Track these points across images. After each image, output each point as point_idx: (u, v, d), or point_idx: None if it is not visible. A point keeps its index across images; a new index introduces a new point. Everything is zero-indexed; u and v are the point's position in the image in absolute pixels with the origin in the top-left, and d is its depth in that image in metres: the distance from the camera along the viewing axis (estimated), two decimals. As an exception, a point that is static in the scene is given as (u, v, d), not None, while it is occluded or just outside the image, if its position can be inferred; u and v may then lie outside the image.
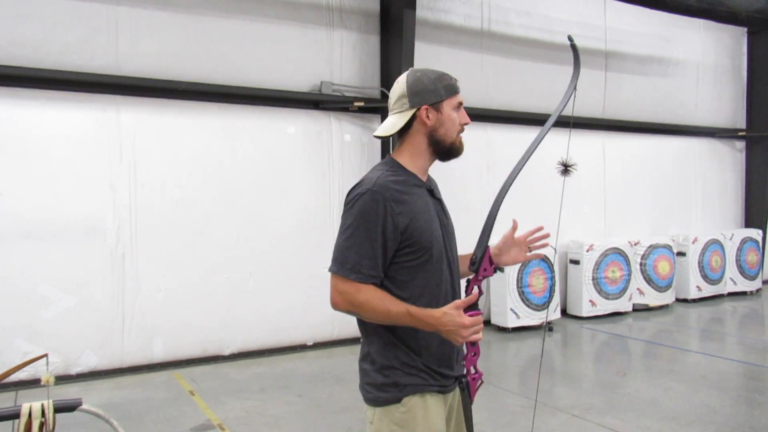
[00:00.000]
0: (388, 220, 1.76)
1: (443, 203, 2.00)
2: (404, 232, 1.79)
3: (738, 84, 10.62)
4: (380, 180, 1.81)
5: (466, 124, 1.93)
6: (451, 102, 1.90)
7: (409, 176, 1.88)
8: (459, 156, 1.96)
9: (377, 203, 1.76)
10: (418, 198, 1.85)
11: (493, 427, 4.37)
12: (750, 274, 9.79)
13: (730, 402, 4.90)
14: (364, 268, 1.76)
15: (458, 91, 1.93)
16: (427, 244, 1.82)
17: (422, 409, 1.84)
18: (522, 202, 8.01)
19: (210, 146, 6.20)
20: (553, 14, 8.39)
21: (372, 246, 1.76)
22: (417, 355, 1.85)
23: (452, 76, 1.95)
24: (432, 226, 1.86)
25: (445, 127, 1.89)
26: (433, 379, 1.86)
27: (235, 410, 4.79)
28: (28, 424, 2.15)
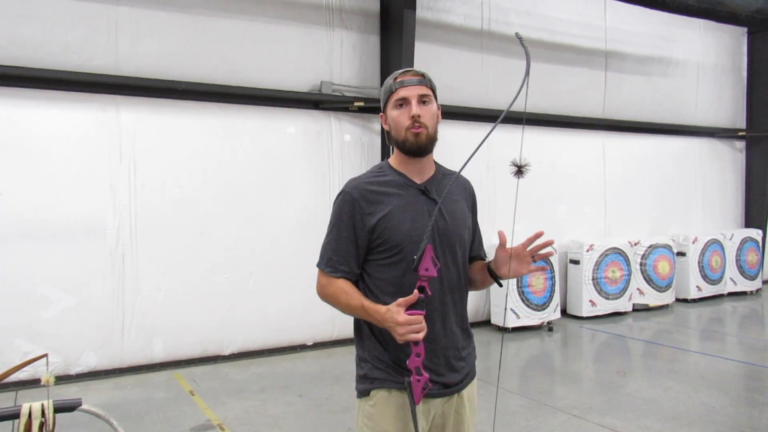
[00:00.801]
0: (356, 218, 1.87)
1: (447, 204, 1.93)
2: (372, 231, 1.86)
3: (738, 84, 10.62)
4: (356, 182, 1.93)
5: (414, 116, 1.84)
6: (390, 103, 1.91)
7: (398, 177, 1.93)
8: (419, 149, 1.87)
9: (346, 203, 1.89)
10: (399, 198, 1.88)
11: (493, 427, 4.36)
12: (750, 274, 9.79)
13: (730, 402, 4.90)
14: (335, 263, 1.90)
15: (393, 90, 1.89)
16: (398, 243, 1.84)
17: (389, 404, 1.86)
18: (521, 202, 8.03)
19: (210, 146, 6.20)
20: (553, 14, 8.39)
21: (343, 243, 1.89)
22: (385, 350, 1.89)
23: (399, 72, 1.92)
24: (407, 226, 1.85)
25: (393, 128, 1.92)
26: (401, 377, 1.82)
27: (235, 410, 4.79)
28: (28, 424, 2.15)
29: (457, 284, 1.93)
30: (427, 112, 1.88)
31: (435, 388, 1.86)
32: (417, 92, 1.87)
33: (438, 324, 1.87)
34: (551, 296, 7.66)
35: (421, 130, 1.86)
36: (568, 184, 8.61)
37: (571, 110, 8.63)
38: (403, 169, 1.94)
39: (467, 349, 1.99)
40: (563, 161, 8.57)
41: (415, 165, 1.93)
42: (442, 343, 1.88)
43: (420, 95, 1.88)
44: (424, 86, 1.90)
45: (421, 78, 1.91)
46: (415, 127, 1.85)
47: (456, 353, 1.92)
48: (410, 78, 1.89)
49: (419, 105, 1.87)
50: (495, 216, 7.80)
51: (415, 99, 1.87)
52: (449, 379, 1.90)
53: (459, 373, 1.93)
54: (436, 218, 1.86)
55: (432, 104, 1.91)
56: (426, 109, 1.88)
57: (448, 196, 1.93)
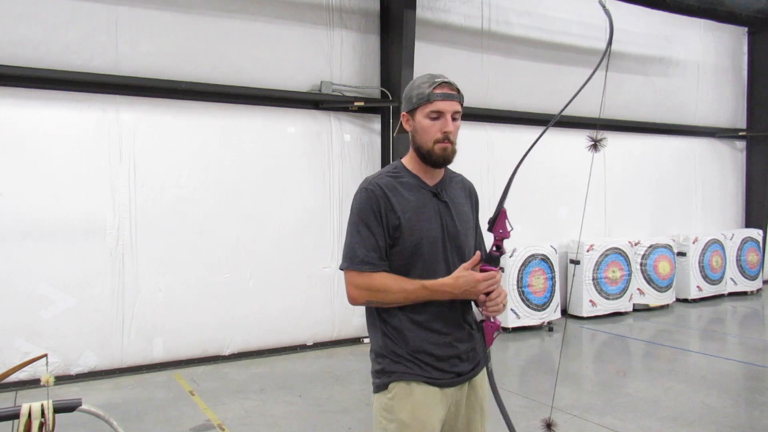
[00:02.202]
0: (382, 213, 1.91)
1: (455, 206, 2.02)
2: (396, 228, 1.91)
3: (738, 84, 10.62)
4: (374, 179, 1.97)
5: (447, 132, 1.91)
6: (423, 110, 1.93)
7: (411, 178, 1.98)
8: (443, 163, 1.96)
9: (371, 199, 1.92)
10: (416, 198, 1.94)
11: (494, 427, 4.36)
12: (750, 274, 9.79)
13: (731, 402, 4.90)
14: (374, 258, 1.91)
15: (431, 100, 1.90)
16: (417, 242, 1.91)
17: (406, 396, 1.92)
18: (521, 202, 8.03)
19: (210, 146, 6.20)
20: (553, 14, 8.39)
21: (375, 237, 1.91)
22: (404, 345, 1.94)
23: (438, 82, 1.92)
24: (424, 226, 1.92)
25: (419, 135, 1.95)
26: (420, 369, 1.92)
27: (235, 410, 4.78)
28: (28, 425, 2.14)
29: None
30: (456, 128, 1.95)
31: (448, 378, 1.95)
32: (453, 108, 1.92)
33: (450, 319, 1.96)
34: (551, 296, 7.66)
35: (449, 145, 1.93)
36: (568, 184, 8.60)
37: (571, 110, 8.60)
38: (417, 171, 2.00)
39: (475, 341, 2.06)
40: (563, 161, 8.57)
41: (430, 171, 2.00)
42: (454, 335, 1.97)
43: (455, 111, 1.93)
44: (459, 103, 1.94)
45: (458, 94, 1.95)
46: (445, 142, 1.91)
47: (466, 346, 2.00)
48: (449, 92, 1.92)
49: (452, 121, 1.92)
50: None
51: (450, 115, 1.91)
52: (461, 369, 1.98)
53: (469, 363, 2.01)
54: (447, 218, 1.96)
55: (459, 120, 1.97)
56: (456, 125, 1.94)
57: (455, 197, 2.03)
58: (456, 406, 2.00)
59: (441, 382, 1.94)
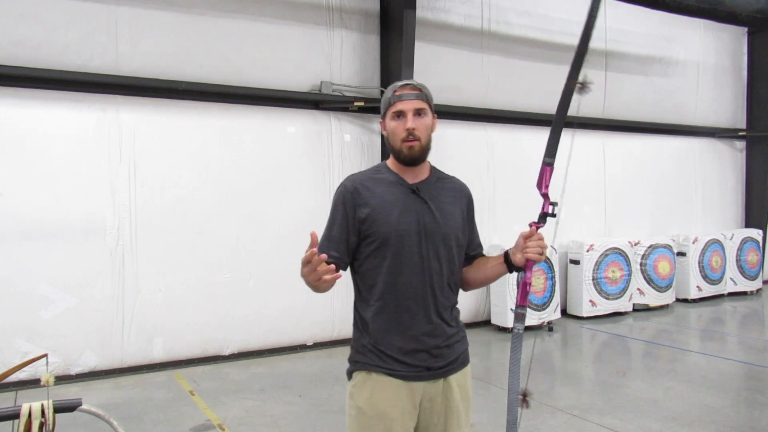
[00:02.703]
0: (349, 208, 2.01)
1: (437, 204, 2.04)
2: (363, 222, 1.99)
3: (738, 84, 10.62)
4: (353, 176, 2.09)
5: (409, 129, 1.98)
6: (389, 113, 2.03)
7: (392, 176, 2.07)
8: (412, 160, 2.02)
9: (341, 194, 2.04)
10: (391, 194, 2.01)
11: (494, 427, 4.37)
12: (750, 274, 9.79)
13: (731, 402, 4.90)
14: (324, 248, 2.00)
15: (392, 102, 2.01)
16: (385, 235, 1.97)
17: (365, 385, 2.02)
18: (521, 202, 8.03)
19: (210, 146, 6.20)
20: (553, 14, 8.39)
21: (336, 230, 2.02)
22: (368, 336, 2.04)
23: (399, 85, 2.04)
24: (395, 220, 1.97)
25: (390, 136, 2.05)
26: (381, 360, 1.99)
27: (235, 410, 4.78)
28: (28, 424, 2.15)
29: (438, 277, 2.02)
30: (422, 124, 2.01)
31: (414, 371, 1.99)
32: (413, 106, 1.99)
33: (419, 314, 1.99)
34: (551, 296, 7.66)
35: (415, 143, 1.99)
36: (568, 184, 8.59)
37: (571, 110, 8.60)
38: (397, 170, 2.08)
39: (453, 338, 2.07)
40: (563, 161, 8.56)
41: (409, 170, 2.07)
42: (422, 329, 1.99)
43: (416, 109, 2.00)
44: (420, 100, 2.01)
45: (419, 92, 2.02)
46: (410, 140, 1.99)
47: (436, 342, 2.01)
48: (408, 92, 2.01)
49: (414, 118, 1.99)
50: (495, 216, 7.80)
51: (411, 113, 1.99)
52: (431, 364, 2.01)
53: (442, 359, 2.03)
54: (424, 214, 2.00)
55: (427, 117, 2.03)
56: (421, 121, 2.00)
57: (439, 196, 2.07)
58: (430, 402, 2.03)
59: (404, 374, 1.98)
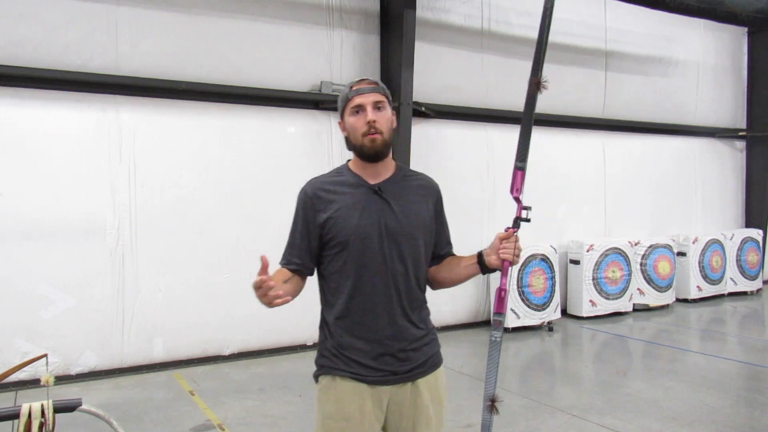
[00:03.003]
0: (309, 214, 2.03)
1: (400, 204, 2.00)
2: (323, 227, 2.00)
3: (738, 84, 10.62)
4: (313, 181, 2.08)
5: (370, 121, 1.95)
6: (347, 110, 2.01)
7: (352, 177, 2.04)
8: (375, 154, 1.98)
9: (301, 200, 2.06)
10: (351, 196, 1.99)
11: (493, 427, 4.36)
12: (750, 274, 9.79)
13: (731, 402, 4.90)
14: (288, 255, 2.10)
15: (349, 97, 1.99)
16: (345, 238, 1.96)
17: (330, 389, 2.00)
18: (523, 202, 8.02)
19: (210, 146, 6.20)
20: (553, 14, 8.38)
21: (297, 237, 2.07)
22: (331, 339, 2.03)
23: (354, 81, 2.03)
24: (354, 223, 1.95)
25: (350, 133, 2.02)
26: (344, 364, 1.97)
27: (235, 410, 4.78)
28: (28, 424, 2.15)
29: (404, 279, 1.99)
30: (382, 117, 1.98)
31: (378, 375, 1.96)
32: (371, 99, 1.98)
33: (383, 316, 1.96)
34: (551, 296, 7.66)
35: (377, 136, 1.96)
36: (568, 184, 8.61)
37: (571, 110, 8.62)
38: (359, 171, 2.05)
39: (420, 341, 2.03)
40: (563, 161, 8.57)
41: (371, 168, 2.03)
42: (386, 332, 1.96)
43: (374, 102, 1.98)
44: (378, 93, 2.00)
45: (375, 86, 2.01)
46: (371, 132, 1.95)
47: (402, 345, 1.98)
48: (365, 86, 2.00)
49: (374, 111, 1.97)
50: (495, 216, 7.80)
51: (371, 105, 1.97)
52: (396, 368, 1.98)
53: (409, 362, 1.99)
54: (386, 215, 1.97)
55: (386, 110, 2.01)
56: (381, 115, 1.98)
57: (403, 196, 2.03)
58: (398, 406, 2.00)
59: (369, 378, 1.96)
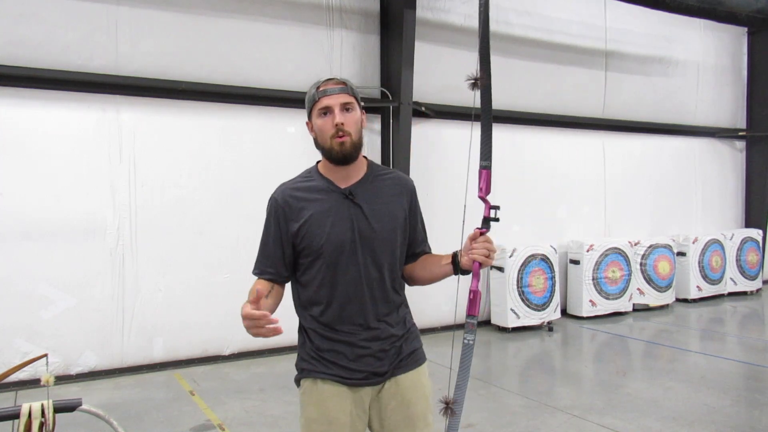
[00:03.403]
0: (281, 223, 1.96)
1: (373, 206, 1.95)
2: (296, 236, 1.94)
3: (738, 84, 10.62)
4: (282, 187, 2.02)
5: (338, 124, 1.87)
6: (314, 111, 1.93)
7: (323, 182, 1.98)
8: (344, 157, 1.91)
9: (273, 208, 1.99)
10: (322, 203, 1.94)
11: (493, 427, 4.37)
12: (750, 274, 9.79)
13: (731, 402, 4.90)
14: (262, 266, 2.03)
15: (316, 98, 1.91)
16: (318, 247, 1.91)
17: (312, 392, 1.97)
18: (521, 202, 8.03)
19: (210, 146, 6.20)
20: (553, 14, 8.39)
21: (270, 247, 2.00)
22: (310, 343, 2.00)
23: (321, 81, 1.94)
24: (326, 231, 1.91)
25: (319, 136, 1.95)
26: (325, 367, 1.95)
27: (235, 410, 4.79)
28: (28, 424, 2.15)
29: (379, 284, 1.96)
30: (350, 119, 1.91)
31: (359, 377, 1.94)
32: (339, 101, 1.89)
33: (359, 322, 1.95)
34: (551, 296, 7.66)
35: (345, 139, 1.89)
36: (568, 184, 8.61)
37: (571, 110, 8.62)
38: (329, 174, 1.99)
39: (400, 339, 2.02)
40: (563, 161, 8.57)
41: (341, 171, 1.96)
42: (362, 336, 1.95)
43: (342, 103, 1.90)
44: (346, 94, 1.91)
45: (343, 86, 1.92)
46: (339, 135, 1.88)
47: (380, 345, 1.96)
48: (332, 87, 1.91)
49: (342, 113, 1.89)
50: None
51: (338, 107, 1.89)
52: (377, 368, 1.96)
53: (388, 361, 1.98)
54: (359, 221, 1.92)
55: (355, 111, 1.93)
56: (349, 116, 1.91)
57: (376, 197, 1.97)
58: (380, 405, 1.99)
59: (349, 381, 1.94)
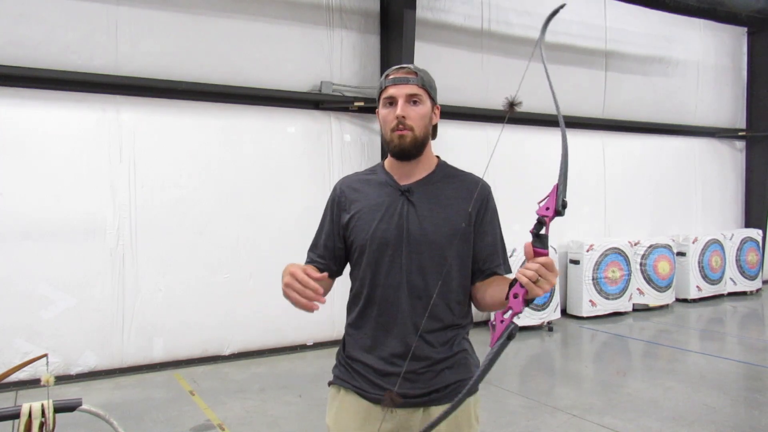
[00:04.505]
0: (335, 213, 1.91)
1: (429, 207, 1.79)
2: (346, 227, 1.87)
3: (738, 84, 10.62)
4: (345, 178, 1.97)
5: (398, 117, 1.74)
6: (381, 99, 1.81)
7: (384, 176, 1.87)
8: (402, 153, 1.78)
9: (331, 197, 1.95)
10: (375, 198, 1.83)
11: (493, 427, 4.37)
12: (750, 274, 9.79)
13: (730, 402, 4.90)
14: (311, 251, 1.95)
15: (383, 87, 1.79)
16: (362, 243, 1.81)
17: (334, 400, 1.92)
18: (520, 202, 8.03)
19: (210, 146, 6.20)
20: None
21: (321, 234, 1.93)
22: (343, 349, 1.93)
23: (393, 69, 1.81)
24: (374, 226, 1.78)
25: (382, 127, 1.83)
26: (350, 377, 1.85)
27: (235, 410, 4.79)
28: (28, 424, 2.15)
29: (424, 293, 1.75)
30: (416, 113, 1.76)
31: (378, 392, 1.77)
32: (406, 91, 1.75)
33: (393, 333, 1.76)
34: (551, 296, 7.66)
35: (406, 132, 1.75)
36: (568, 184, 8.59)
37: (571, 110, 8.63)
38: (392, 170, 1.87)
39: (441, 364, 1.78)
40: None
41: (404, 167, 1.83)
42: (394, 350, 1.77)
43: (409, 95, 1.75)
44: (415, 85, 1.76)
45: (414, 76, 1.77)
46: (400, 128, 1.74)
47: (413, 366, 1.74)
48: (402, 75, 1.77)
49: (407, 105, 1.75)
50: (495, 216, 7.79)
51: (403, 98, 1.75)
52: (407, 390, 1.74)
53: (422, 386, 1.76)
54: (410, 220, 1.77)
55: (423, 105, 1.78)
56: (415, 109, 1.76)
57: (437, 199, 1.80)
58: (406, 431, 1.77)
59: (371, 396, 1.77)
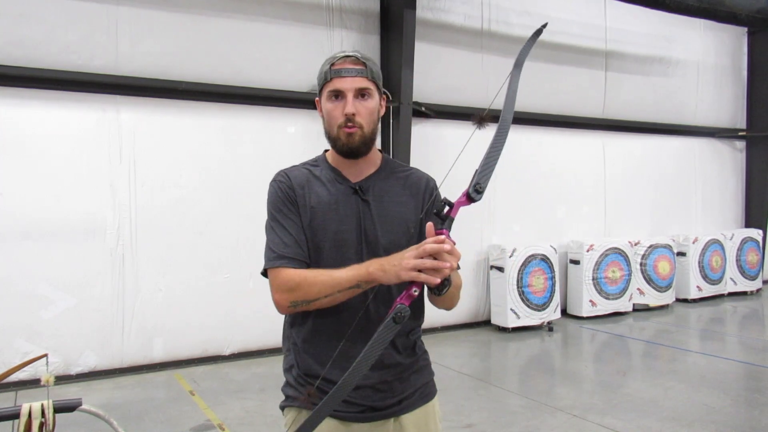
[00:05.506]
0: (289, 206, 1.66)
1: (381, 206, 1.68)
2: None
3: (738, 84, 10.62)
4: (287, 170, 1.74)
5: (347, 114, 1.60)
6: (324, 91, 1.64)
7: (329, 171, 1.71)
8: (350, 152, 1.63)
9: (280, 190, 1.68)
10: (328, 195, 1.66)
11: (493, 427, 4.37)
12: (750, 274, 9.79)
13: (730, 402, 4.90)
14: (289, 252, 1.61)
15: (328, 78, 1.62)
16: (319, 244, 1.63)
17: (296, 426, 1.63)
18: (520, 202, 8.03)
19: (210, 146, 6.20)
20: (553, 14, 8.39)
21: (289, 229, 1.64)
22: (296, 365, 1.69)
23: (338, 57, 1.64)
24: (331, 227, 1.63)
25: (325, 120, 1.66)
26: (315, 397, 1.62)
27: (235, 410, 4.79)
28: (28, 424, 2.15)
29: (385, 297, 1.62)
30: (366, 108, 1.62)
31: (354, 411, 1.63)
32: (355, 85, 1.60)
33: (360, 341, 1.55)
34: (551, 296, 7.66)
35: (355, 131, 1.61)
36: (568, 184, 8.61)
37: (571, 110, 8.63)
38: (337, 165, 1.72)
39: (408, 369, 1.70)
40: (563, 161, 8.57)
41: (351, 165, 1.70)
42: None
43: (358, 89, 1.61)
44: (365, 78, 1.62)
45: (362, 67, 1.63)
46: (348, 126, 1.61)
47: (382, 375, 1.64)
48: (349, 67, 1.61)
49: (356, 100, 1.61)
50: (494, 216, 7.80)
51: (352, 93, 1.60)
52: (376, 402, 1.64)
53: (392, 395, 1.66)
54: (366, 220, 1.64)
55: (372, 99, 1.64)
56: (364, 104, 1.62)
57: (389, 197, 1.69)
58: None
59: (341, 414, 1.61)
